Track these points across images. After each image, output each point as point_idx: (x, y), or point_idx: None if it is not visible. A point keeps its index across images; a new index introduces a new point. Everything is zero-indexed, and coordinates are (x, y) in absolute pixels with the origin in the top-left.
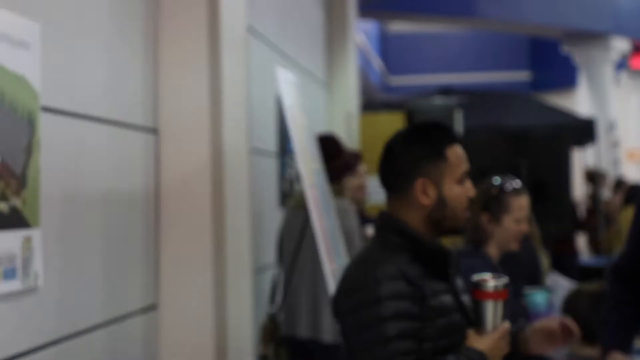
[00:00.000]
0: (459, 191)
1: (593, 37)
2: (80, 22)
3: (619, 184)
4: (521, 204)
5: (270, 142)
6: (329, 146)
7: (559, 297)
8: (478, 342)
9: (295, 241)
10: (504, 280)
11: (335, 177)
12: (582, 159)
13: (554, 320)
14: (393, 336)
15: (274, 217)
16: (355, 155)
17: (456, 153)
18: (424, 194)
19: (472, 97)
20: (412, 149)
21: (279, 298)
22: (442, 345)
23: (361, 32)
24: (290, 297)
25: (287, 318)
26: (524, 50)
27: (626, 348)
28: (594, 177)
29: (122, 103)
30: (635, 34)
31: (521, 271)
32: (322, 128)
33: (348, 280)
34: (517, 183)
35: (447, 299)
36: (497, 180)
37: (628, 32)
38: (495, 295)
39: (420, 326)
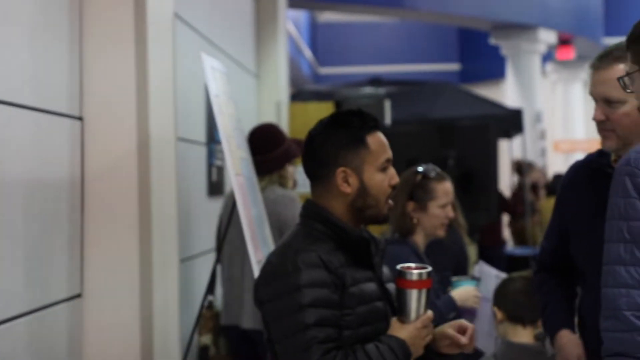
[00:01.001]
0: (381, 179)
1: (521, 29)
2: (2, 8)
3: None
4: (446, 189)
5: (199, 131)
6: (271, 135)
7: (486, 286)
8: (400, 330)
9: (224, 228)
10: (428, 269)
11: (278, 165)
12: (509, 150)
13: (454, 326)
14: (311, 324)
15: (203, 206)
16: (298, 142)
17: (377, 140)
18: (344, 182)
19: (401, 88)
20: (333, 137)
21: (219, 287)
22: (363, 332)
23: (291, 22)
24: (234, 287)
25: (230, 308)
26: (453, 42)
27: (572, 328)
28: (521, 167)
29: (46, 90)
30: (561, 27)
31: (448, 259)
32: (251, 117)
33: (269, 268)
34: (438, 169)
35: (370, 287)
36: (419, 168)
37: (555, 24)
38: (419, 284)
39: (340, 314)
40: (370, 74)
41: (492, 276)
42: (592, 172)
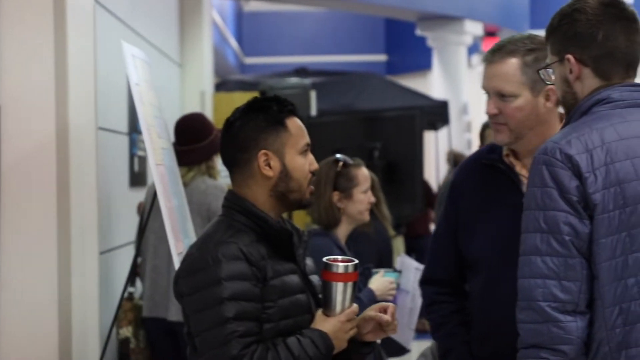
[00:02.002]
0: (302, 162)
1: (447, 20)
2: None
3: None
4: (365, 174)
5: (121, 120)
6: (199, 125)
7: (407, 279)
8: (323, 323)
9: (145, 219)
10: (354, 262)
11: (206, 156)
12: (435, 142)
13: (375, 308)
14: (231, 317)
15: (124, 197)
16: None
17: (296, 124)
18: (266, 165)
19: (327, 78)
20: (252, 121)
21: (145, 279)
22: (285, 326)
23: (216, 11)
24: (159, 279)
25: (155, 300)
26: (380, 33)
27: None
28: (455, 158)
29: None
30: (488, 19)
31: (371, 251)
32: (175, 107)
33: (189, 260)
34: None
35: (292, 279)
36: (336, 157)
37: (481, 16)
38: (345, 277)
39: (261, 307)
40: (297, 64)
41: (412, 269)
42: (483, 168)
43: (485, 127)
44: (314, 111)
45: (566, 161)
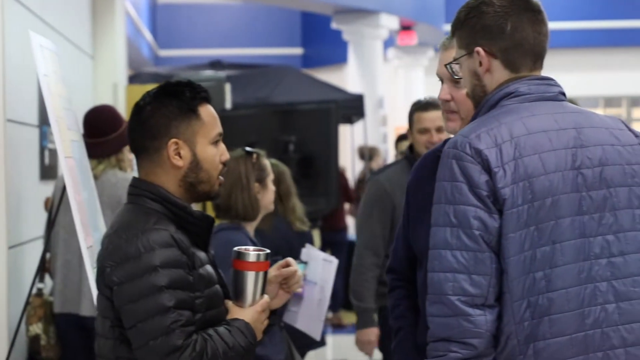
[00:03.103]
0: (213, 153)
1: (362, 14)
2: None
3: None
4: (269, 163)
5: (31, 112)
6: (108, 118)
7: (314, 270)
8: (242, 314)
9: (54, 213)
10: (266, 251)
11: (115, 149)
12: (351, 135)
13: (276, 267)
14: (171, 306)
15: (34, 191)
16: None
17: (209, 112)
18: (176, 155)
19: (242, 71)
20: (163, 107)
21: (55, 274)
22: (210, 316)
23: (129, 2)
24: (70, 274)
25: (66, 295)
26: (296, 26)
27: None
28: (365, 153)
29: None
30: (403, 13)
31: (269, 246)
32: (86, 99)
33: (116, 250)
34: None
35: (210, 269)
36: (247, 150)
37: (397, 10)
38: (257, 266)
39: (193, 296)
40: (212, 57)
41: (319, 260)
42: (436, 161)
43: (400, 139)
44: (228, 104)
45: (476, 156)
